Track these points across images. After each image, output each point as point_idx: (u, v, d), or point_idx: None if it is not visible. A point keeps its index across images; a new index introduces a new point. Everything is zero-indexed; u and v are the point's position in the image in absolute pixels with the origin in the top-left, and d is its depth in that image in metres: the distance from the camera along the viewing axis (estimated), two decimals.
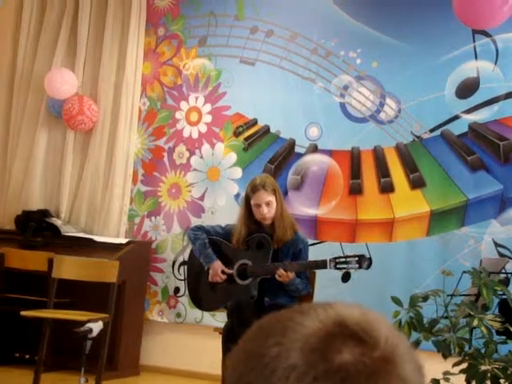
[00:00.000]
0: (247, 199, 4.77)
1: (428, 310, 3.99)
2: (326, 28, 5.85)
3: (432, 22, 5.51)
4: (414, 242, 5.48)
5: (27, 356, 5.75)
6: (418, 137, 5.55)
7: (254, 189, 4.73)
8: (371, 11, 5.71)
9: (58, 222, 6.13)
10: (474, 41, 5.39)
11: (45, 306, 5.28)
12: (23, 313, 5.04)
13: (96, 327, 4.33)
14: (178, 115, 6.21)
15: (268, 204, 4.70)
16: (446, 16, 5.28)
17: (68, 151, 6.30)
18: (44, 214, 6.18)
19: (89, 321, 4.63)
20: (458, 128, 5.43)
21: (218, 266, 4.82)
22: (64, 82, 6.15)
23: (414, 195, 5.51)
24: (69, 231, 6.11)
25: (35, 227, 6.04)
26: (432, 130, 5.50)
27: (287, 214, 4.85)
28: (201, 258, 4.88)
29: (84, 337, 4.28)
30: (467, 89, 5.42)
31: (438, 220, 5.43)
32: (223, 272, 4.82)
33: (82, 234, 6.10)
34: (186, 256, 5.65)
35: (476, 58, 5.40)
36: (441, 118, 5.47)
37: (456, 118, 5.44)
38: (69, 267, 5.39)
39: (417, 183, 5.51)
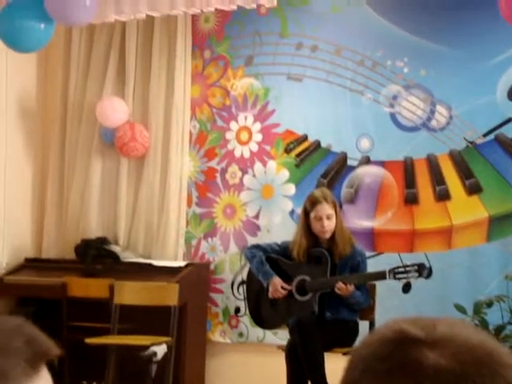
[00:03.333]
0: (305, 213, 4.77)
1: (493, 317, 3.93)
2: (370, 39, 5.82)
3: (477, 25, 5.44)
4: (474, 248, 5.39)
5: (94, 383, 5.80)
6: (471, 142, 5.48)
7: (314, 202, 4.72)
8: (414, 18, 5.67)
9: (116, 249, 6.19)
10: None
11: (108, 333, 5.33)
12: (88, 340, 5.10)
13: (160, 350, 4.37)
14: (228, 136, 6.24)
15: (329, 217, 4.69)
16: (491, 17, 5.21)
17: (122, 178, 6.37)
18: (102, 241, 6.25)
19: (152, 345, 4.66)
20: (511, 131, 5.35)
21: (277, 281, 4.81)
22: (115, 111, 6.24)
23: (471, 201, 5.43)
24: (128, 257, 6.17)
25: (95, 255, 6.11)
26: (485, 135, 5.43)
27: (345, 227, 4.83)
28: (259, 276, 4.89)
29: (149, 360, 4.32)
30: None
31: (498, 225, 5.34)
32: (283, 288, 4.81)
33: (140, 260, 6.15)
34: (244, 275, 5.65)
35: None
36: (494, 122, 5.39)
37: (509, 120, 5.36)
38: (130, 293, 5.44)
39: (473, 189, 5.44)
